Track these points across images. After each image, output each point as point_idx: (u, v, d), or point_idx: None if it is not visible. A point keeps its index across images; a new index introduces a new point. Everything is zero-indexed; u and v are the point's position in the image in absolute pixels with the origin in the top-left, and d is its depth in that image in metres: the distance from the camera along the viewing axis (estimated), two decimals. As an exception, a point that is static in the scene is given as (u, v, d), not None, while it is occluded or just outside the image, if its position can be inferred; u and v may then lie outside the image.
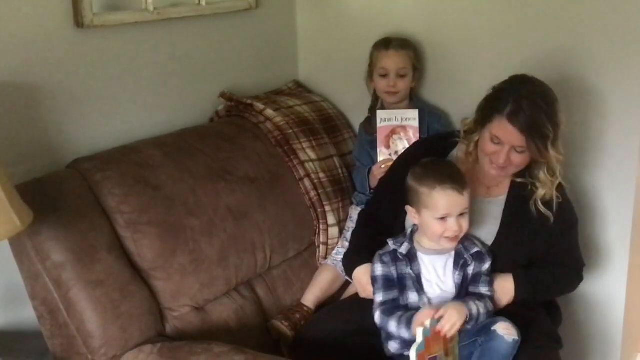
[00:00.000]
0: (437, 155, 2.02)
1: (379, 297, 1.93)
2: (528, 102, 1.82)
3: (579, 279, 2.09)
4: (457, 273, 1.89)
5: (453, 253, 1.91)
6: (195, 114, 2.44)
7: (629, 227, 2.29)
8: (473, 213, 1.92)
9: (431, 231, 1.87)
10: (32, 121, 1.97)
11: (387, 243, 1.96)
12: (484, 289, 1.90)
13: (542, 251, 1.98)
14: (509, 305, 1.95)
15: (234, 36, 2.55)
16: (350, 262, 2.08)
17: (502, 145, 1.87)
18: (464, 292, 1.90)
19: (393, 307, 1.90)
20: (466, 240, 1.92)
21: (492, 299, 1.90)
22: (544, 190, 1.93)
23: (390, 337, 1.93)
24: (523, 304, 1.96)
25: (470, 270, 1.90)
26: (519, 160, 1.89)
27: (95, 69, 2.09)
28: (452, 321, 1.76)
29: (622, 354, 2.46)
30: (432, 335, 1.73)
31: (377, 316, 1.92)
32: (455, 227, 1.83)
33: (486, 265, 1.91)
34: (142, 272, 1.97)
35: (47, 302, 1.85)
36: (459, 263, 1.90)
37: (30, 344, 1.93)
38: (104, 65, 2.11)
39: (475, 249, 1.91)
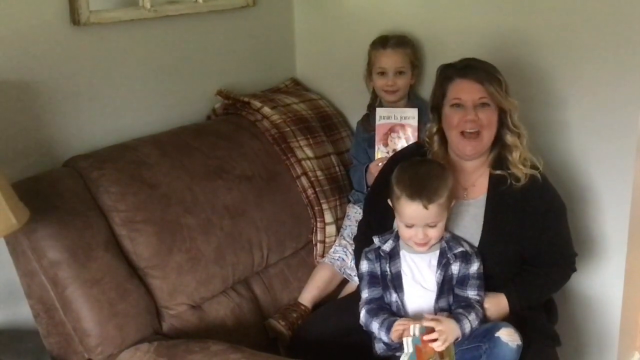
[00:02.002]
0: None
1: (365, 295, 1.93)
2: (472, 61, 1.95)
3: (572, 271, 2.07)
4: (438, 272, 1.88)
5: (437, 252, 1.89)
6: (192, 111, 2.43)
7: (626, 223, 2.29)
8: (452, 215, 1.92)
9: (401, 233, 1.89)
10: (28, 119, 1.97)
11: (373, 240, 1.96)
12: (471, 293, 1.88)
13: (531, 246, 1.96)
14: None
15: (231, 34, 2.55)
16: None
17: (465, 108, 1.90)
18: (445, 292, 1.88)
19: (378, 308, 1.90)
20: (452, 240, 1.90)
21: (480, 303, 1.88)
22: (517, 153, 1.93)
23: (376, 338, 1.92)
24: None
25: (455, 270, 1.88)
26: (486, 117, 1.90)
27: (91, 66, 2.09)
28: (443, 339, 1.74)
29: (619, 352, 2.46)
30: (422, 343, 1.71)
31: (362, 315, 1.91)
32: (420, 235, 1.83)
33: (474, 268, 1.88)
34: (139, 271, 1.96)
35: (44, 301, 1.85)
36: (441, 262, 1.88)
37: (27, 342, 1.93)
38: (100, 63, 2.11)
39: (460, 249, 1.88)
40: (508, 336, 1.75)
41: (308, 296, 2.33)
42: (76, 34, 2.02)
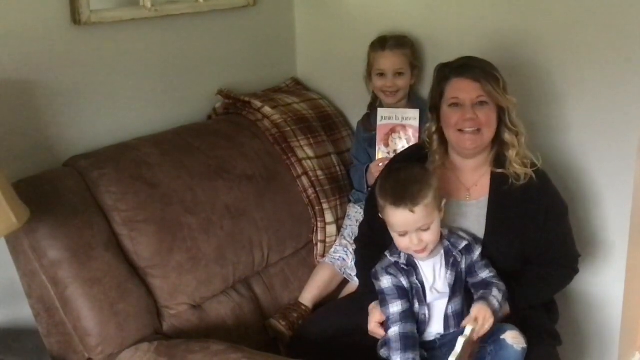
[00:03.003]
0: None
1: (395, 308, 1.84)
2: (469, 59, 1.94)
3: (575, 272, 2.06)
4: (449, 273, 1.85)
5: (442, 251, 1.86)
6: (193, 111, 2.43)
7: (627, 223, 2.29)
8: (455, 216, 1.91)
9: (397, 244, 1.84)
10: (29, 118, 1.97)
11: (385, 256, 1.90)
12: (483, 274, 1.86)
13: (534, 246, 1.95)
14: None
15: (232, 33, 2.55)
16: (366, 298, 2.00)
17: (463, 107, 1.89)
18: (457, 291, 1.86)
19: (412, 340, 1.81)
20: (452, 236, 1.88)
21: (497, 278, 1.85)
22: (514, 151, 1.91)
23: (383, 345, 1.89)
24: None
25: (463, 265, 1.86)
26: (484, 115, 1.88)
27: (92, 66, 2.09)
28: (489, 321, 1.74)
29: (620, 351, 2.46)
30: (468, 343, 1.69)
31: (393, 332, 1.82)
32: (415, 241, 1.79)
33: (476, 253, 1.87)
34: (139, 270, 1.96)
35: (44, 300, 1.85)
36: (449, 262, 1.86)
37: (27, 342, 1.93)
38: (101, 63, 2.11)
39: (464, 243, 1.86)
40: (513, 339, 1.75)
41: (308, 296, 2.33)
42: (77, 34, 2.02)
